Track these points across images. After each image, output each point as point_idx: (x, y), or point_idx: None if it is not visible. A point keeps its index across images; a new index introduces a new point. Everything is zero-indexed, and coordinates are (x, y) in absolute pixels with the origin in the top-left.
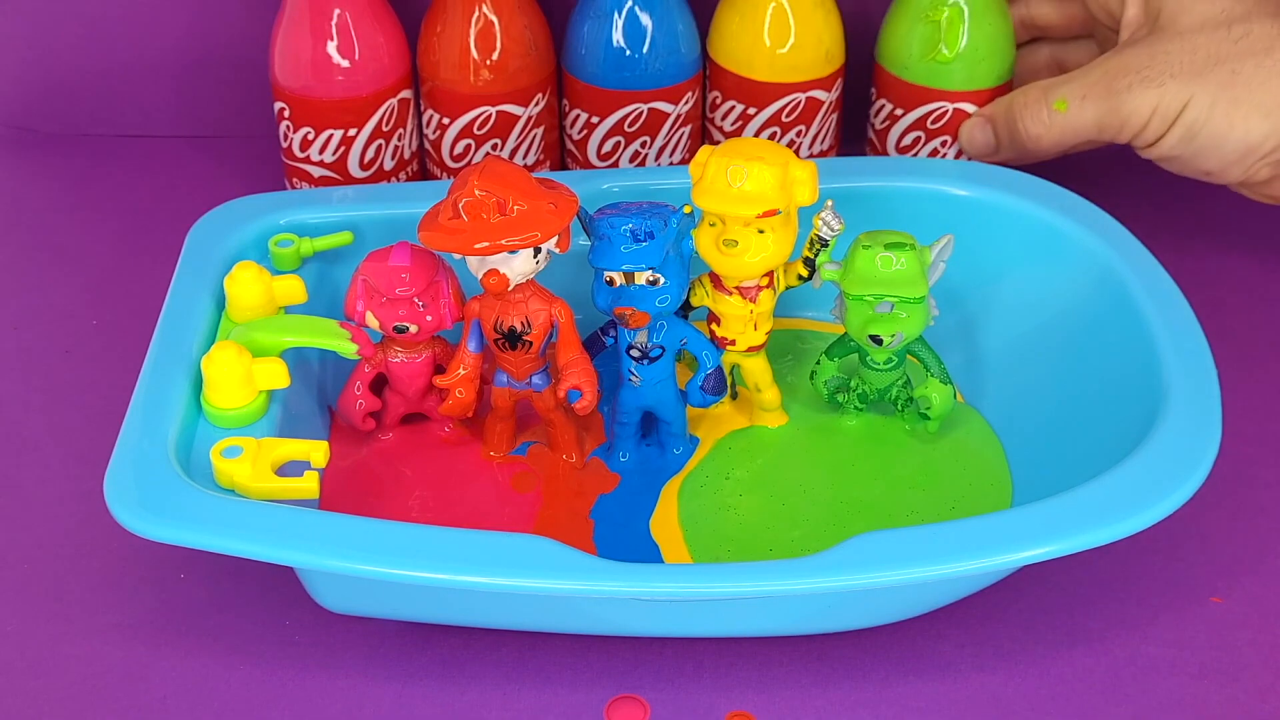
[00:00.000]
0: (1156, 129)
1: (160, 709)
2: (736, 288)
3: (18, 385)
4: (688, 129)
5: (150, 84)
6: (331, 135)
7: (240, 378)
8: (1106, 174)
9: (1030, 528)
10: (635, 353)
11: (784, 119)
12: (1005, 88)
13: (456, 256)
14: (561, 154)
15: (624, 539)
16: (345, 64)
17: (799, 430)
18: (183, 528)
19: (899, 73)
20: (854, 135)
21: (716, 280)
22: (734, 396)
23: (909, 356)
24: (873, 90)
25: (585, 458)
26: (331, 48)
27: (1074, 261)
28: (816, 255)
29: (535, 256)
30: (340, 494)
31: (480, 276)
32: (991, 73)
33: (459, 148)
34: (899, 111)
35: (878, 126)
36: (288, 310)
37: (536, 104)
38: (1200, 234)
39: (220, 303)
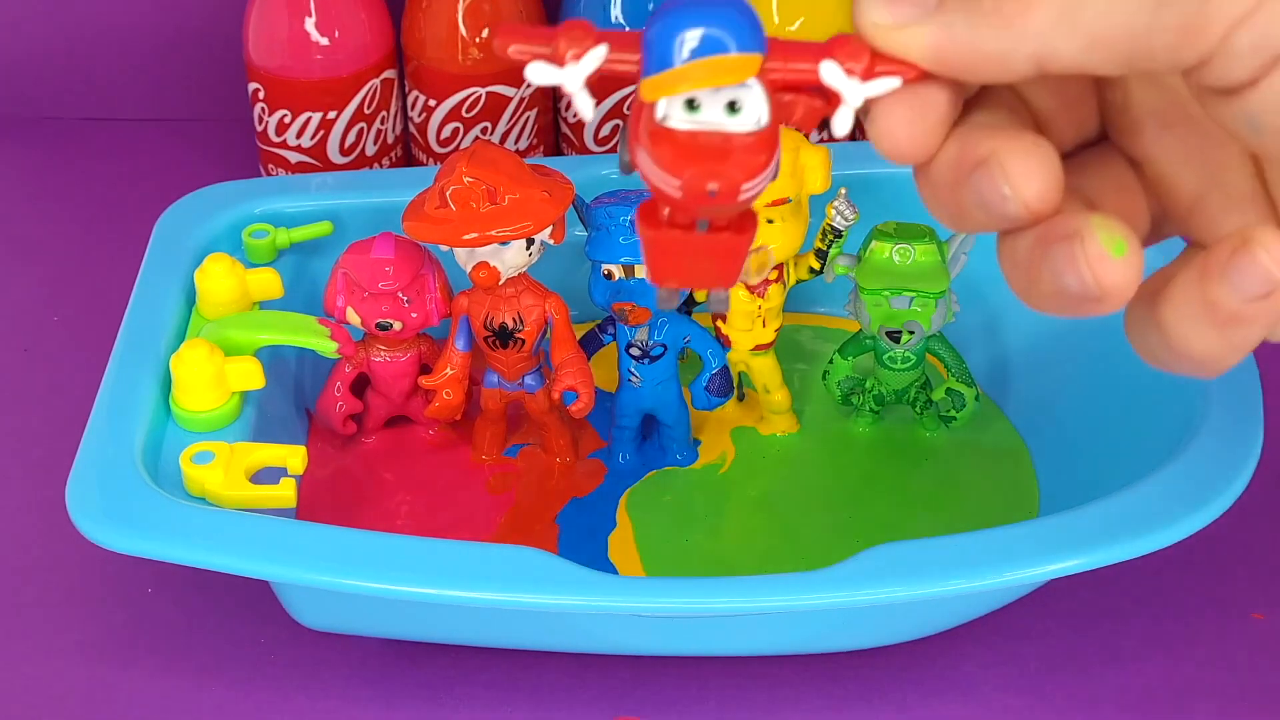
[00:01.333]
0: (1252, 59)
1: None
2: (743, 281)
3: None
4: None
5: (116, 64)
6: (310, 118)
7: (212, 378)
8: None
9: (1058, 539)
10: (635, 351)
11: None
12: None
13: (443, 248)
14: (556, 138)
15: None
16: (324, 42)
17: (809, 440)
18: (151, 538)
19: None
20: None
21: None
22: (741, 398)
23: (928, 356)
24: None
25: (581, 461)
26: (309, 24)
27: None
28: (829, 247)
29: (528, 248)
30: (319, 502)
31: (469, 270)
32: None
33: (446, 131)
34: None
35: None
36: (262, 306)
37: (529, 85)
38: None
39: (191, 298)
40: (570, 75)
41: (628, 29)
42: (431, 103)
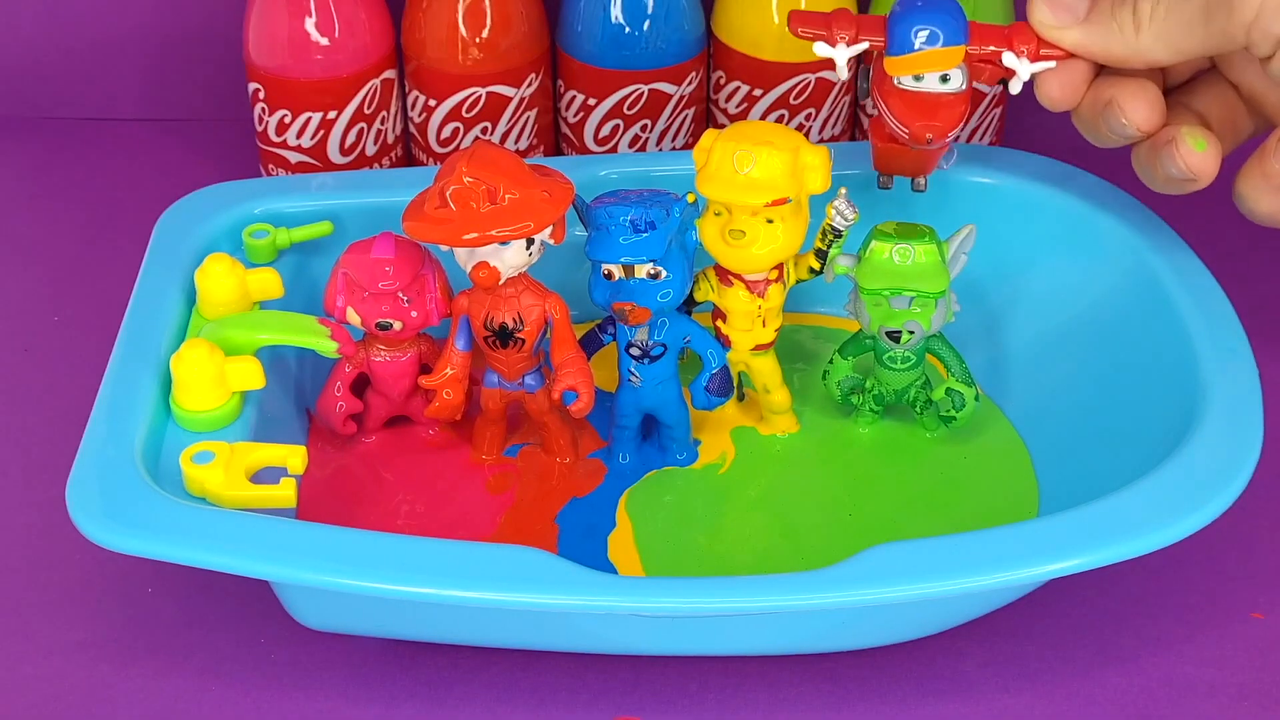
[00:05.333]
0: (1265, 44)
1: None
2: (743, 281)
3: None
4: (691, 112)
5: (116, 63)
6: (310, 118)
7: (212, 378)
8: None
9: (1058, 539)
10: (635, 351)
11: (793, 101)
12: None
13: (443, 248)
14: (556, 138)
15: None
16: (324, 42)
17: (809, 440)
18: (151, 538)
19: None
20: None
21: (722, 274)
22: (741, 398)
23: (928, 356)
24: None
25: (581, 461)
26: (309, 24)
27: (1104, 254)
28: (829, 247)
29: (528, 248)
30: (319, 502)
31: (469, 270)
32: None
33: (446, 131)
34: None
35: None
36: (262, 306)
37: (529, 85)
38: (1239, 223)
39: (190, 298)
40: (840, 53)
41: (629, 30)
42: (431, 103)
